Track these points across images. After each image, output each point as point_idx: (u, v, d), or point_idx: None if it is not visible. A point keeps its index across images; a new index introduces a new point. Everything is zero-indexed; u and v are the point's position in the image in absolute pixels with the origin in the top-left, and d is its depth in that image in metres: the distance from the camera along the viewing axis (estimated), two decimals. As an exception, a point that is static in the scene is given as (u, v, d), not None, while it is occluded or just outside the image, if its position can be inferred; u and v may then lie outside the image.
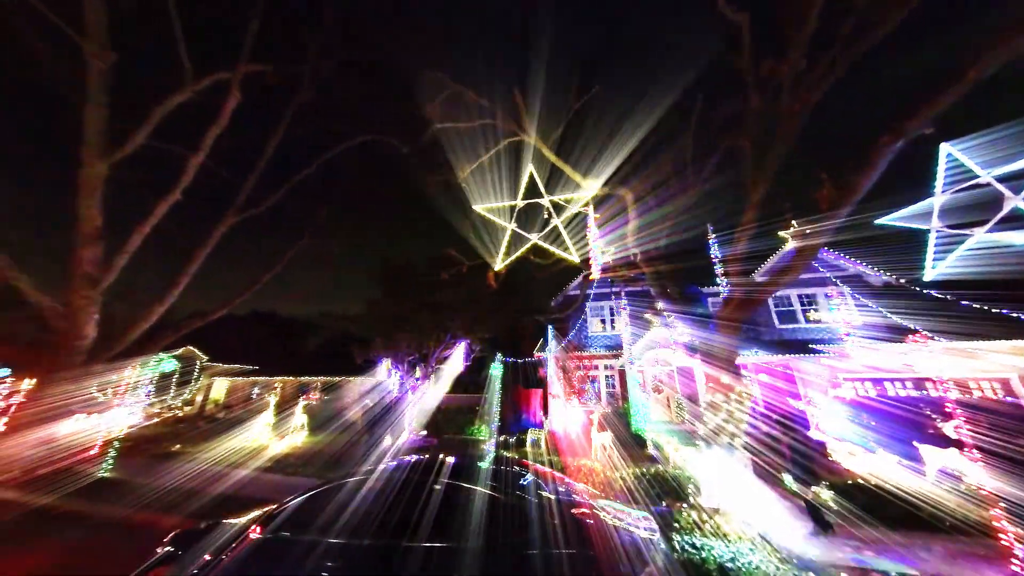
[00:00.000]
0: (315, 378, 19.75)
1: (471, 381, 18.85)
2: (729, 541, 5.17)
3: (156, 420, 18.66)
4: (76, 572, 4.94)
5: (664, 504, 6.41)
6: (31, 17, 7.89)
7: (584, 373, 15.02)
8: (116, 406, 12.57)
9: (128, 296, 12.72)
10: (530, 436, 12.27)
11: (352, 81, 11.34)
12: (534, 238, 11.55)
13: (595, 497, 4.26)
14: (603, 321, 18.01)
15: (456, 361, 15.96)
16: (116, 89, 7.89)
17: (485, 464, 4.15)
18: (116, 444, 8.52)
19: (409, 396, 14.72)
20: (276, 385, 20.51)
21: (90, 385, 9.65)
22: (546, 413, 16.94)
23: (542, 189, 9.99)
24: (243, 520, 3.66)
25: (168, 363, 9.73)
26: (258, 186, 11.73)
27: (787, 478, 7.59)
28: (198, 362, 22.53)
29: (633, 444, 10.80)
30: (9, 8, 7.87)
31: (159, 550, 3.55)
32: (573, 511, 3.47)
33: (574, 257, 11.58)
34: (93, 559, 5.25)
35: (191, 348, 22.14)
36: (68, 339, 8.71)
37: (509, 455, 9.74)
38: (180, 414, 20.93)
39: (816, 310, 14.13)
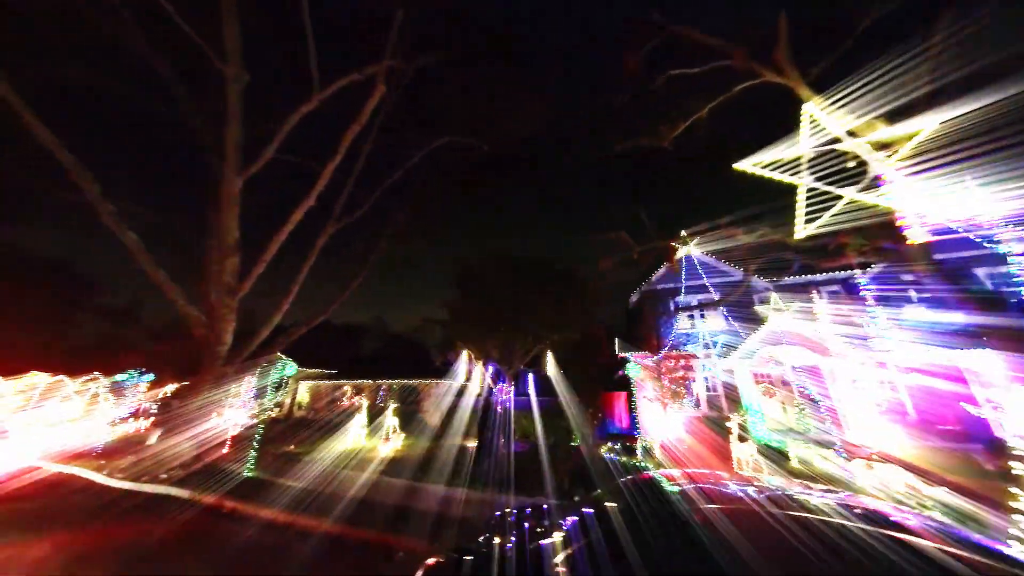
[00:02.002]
0: (408, 381, 20.09)
1: (545, 384, 18.20)
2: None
3: (255, 421, 20.29)
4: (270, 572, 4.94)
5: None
6: (174, 57, 8.67)
7: (683, 374, 13.74)
8: (233, 407, 13.65)
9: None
10: (640, 444, 11.30)
11: (458, 74, 11.11)
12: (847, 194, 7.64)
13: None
14: (692, 317, 16.53)
15: (538, 364, 15.41)
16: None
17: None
18: (255, 445, 8.94)
19: (498, 399, 14.39)
20: (362, 389, 21.38)
21: (227, 388, 10.39)
22: (633, 418, 15.83)
23: (840, 133, 7.00)
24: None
25: (290, 367, 10.10)
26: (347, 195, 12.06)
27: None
28: (277, 366, 24.33)
29: (765, 455, 9.46)
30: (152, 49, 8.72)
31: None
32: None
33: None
34: (280, 559, 5.28)
35: (279, 354, 23.97)
36: (210, 346, 9.37)
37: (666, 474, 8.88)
38: (274, 415, 22.61)
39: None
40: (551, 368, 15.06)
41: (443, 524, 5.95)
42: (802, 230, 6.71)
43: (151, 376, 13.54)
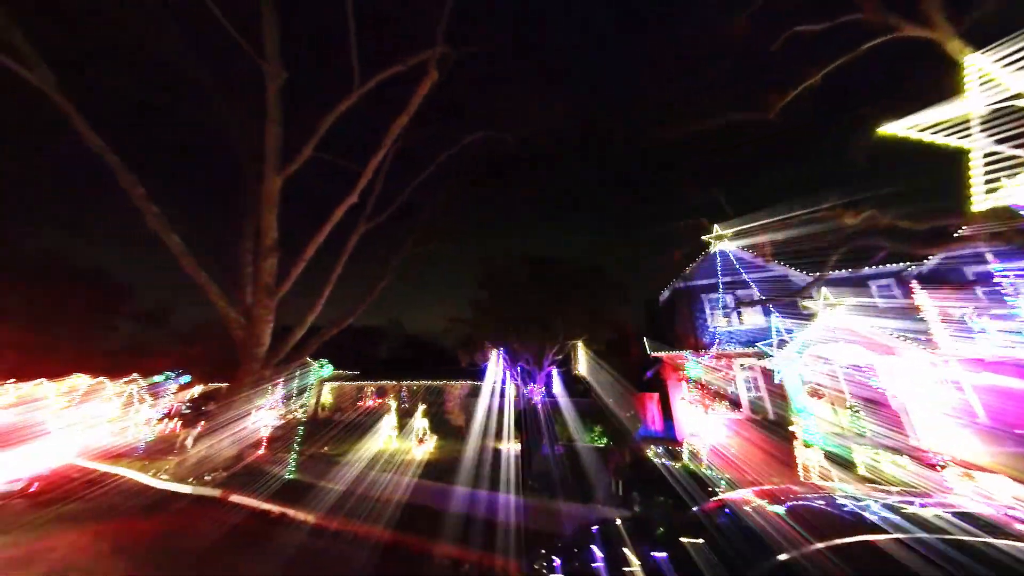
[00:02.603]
0: (434, 382, 19.91)
1: (576, 384, 17.74)
2: None
3: (282, 422, 20.51)
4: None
5: None
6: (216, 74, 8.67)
7: (724, 374, 13.11)
8: (263, 408, 13.74)
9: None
10: (686, 448, 10.76)
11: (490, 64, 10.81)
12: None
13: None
14: (728, 314, 15.84)
15: (568, 364, 15.00)
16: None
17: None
18: (296, 447, 8.85)
19: (530, 400, 14.04)
20: (387, 390, 21.36)
21: (265, 389, 10.38)
22: (668, 419, 15.24)
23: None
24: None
25: (326, 368, 9.99)
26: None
27: None
28: (311, 368, 24.60)
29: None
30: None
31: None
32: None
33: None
34: (339, 567, 5.07)
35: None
36: (249, 347, 9.34)
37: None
38: (300, 416, 22.84)
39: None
40: (582, 368, 14.64)
41: (503, 533, 5.64)
42: (983, 201, 5.59)
43: (187, 378, 13.73)
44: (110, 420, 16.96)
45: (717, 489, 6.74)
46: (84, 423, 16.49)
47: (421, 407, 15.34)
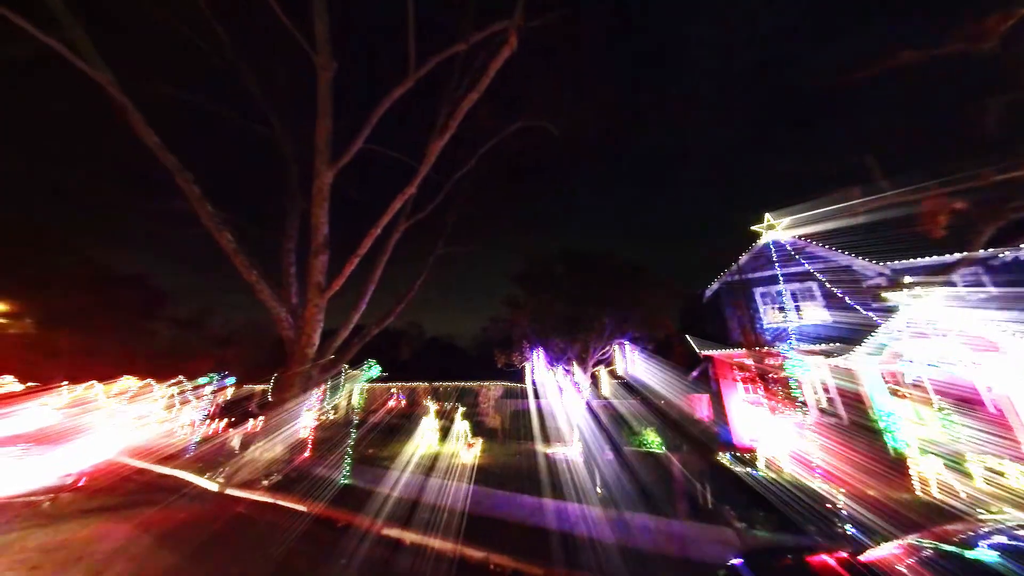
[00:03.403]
0: (471, 384, 19.54)
1: (623, 385, 16.92)
2: None
3: (316, 423, 20.62)
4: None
5: None
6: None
7: (788, 374, 12.08)
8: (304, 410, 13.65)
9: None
10: (760, 454, 9.88)
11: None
12: None
13: None
14: (783, 308, 14.72)
15: (618, 362, 14.27)
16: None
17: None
18: (349, 451, 8.53)
19: (577, 400, 13.40)
20: (417, 392, 21.15)
21: (314, 390, 10.18)
22: (722, 422, 14.25)
23: None
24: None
25: (374, 369, 9.69)
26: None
27: None
28: (343, 370, 24.75)
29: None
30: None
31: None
32: None
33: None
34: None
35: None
36: (300, 347, 9.12)
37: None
38: (332, 418, 22.94)
39: None
40: (628, 368, 13.89)
41: (590, 550, 5.05)
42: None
43: (232, 379, 13.79)
44: (159, 420, 17.40)
45: (834, 508, 5.88)
46: (132, 423, 16.96)
47: (460, 409, 14.94)
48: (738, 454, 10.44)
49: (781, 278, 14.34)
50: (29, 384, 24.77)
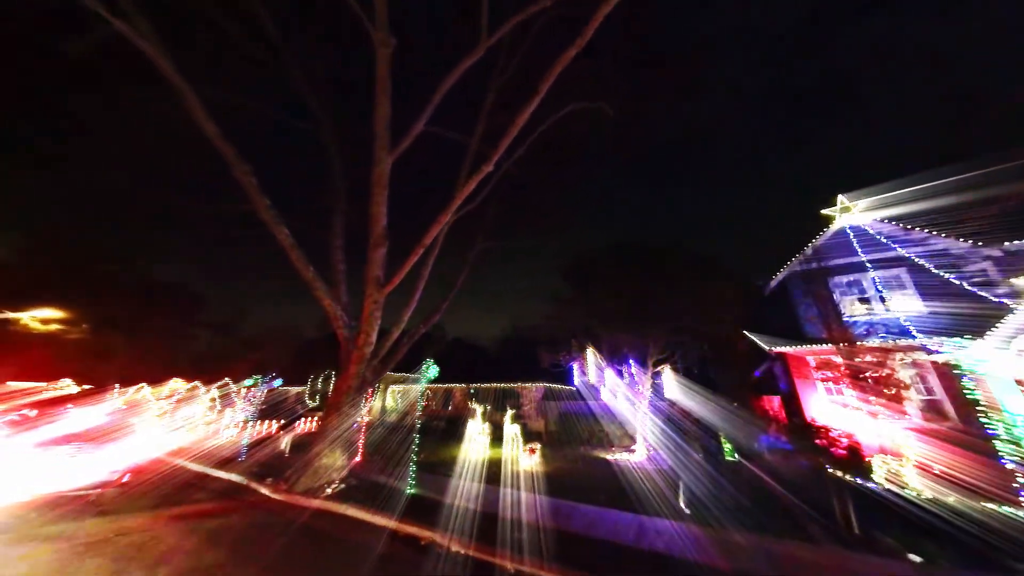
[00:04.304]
0: (511, 384, 18.78)
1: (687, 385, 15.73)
2: None
3: (364, 426, 20.45)
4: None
5: None
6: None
7: (889, 373, 10.65)
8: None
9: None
10: (878, 464, 8.62)
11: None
12: None
13: None
14: (867, 299, 13.19)
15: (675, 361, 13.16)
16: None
17: None
18: (414, 458, 7.94)
19: (632, 402, 12.41)
20: (459, 393, 20.63)
21: (366, 392, 9.70)
22: (793, 430, 12.85)
23: None
24: None
25: (433, 369, 9.08)
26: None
27: None
28: (429, 369, 24.61)
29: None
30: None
31: None
32: None
33: None
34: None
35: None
36: (356, 346, 8.62)
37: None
38: (367, 419, 22.77)
39: None
40: (697, 365, 12.78)
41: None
42: None
43: (279, 381, 13.61)
44: (206, 422, 17.60)
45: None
46: (179, 424, 17.22)
47: (509, 411, 14.22)
48: (842, 460, 9.16)
49: (867, 265, 12.86)
50: (85, 387, 25.90)
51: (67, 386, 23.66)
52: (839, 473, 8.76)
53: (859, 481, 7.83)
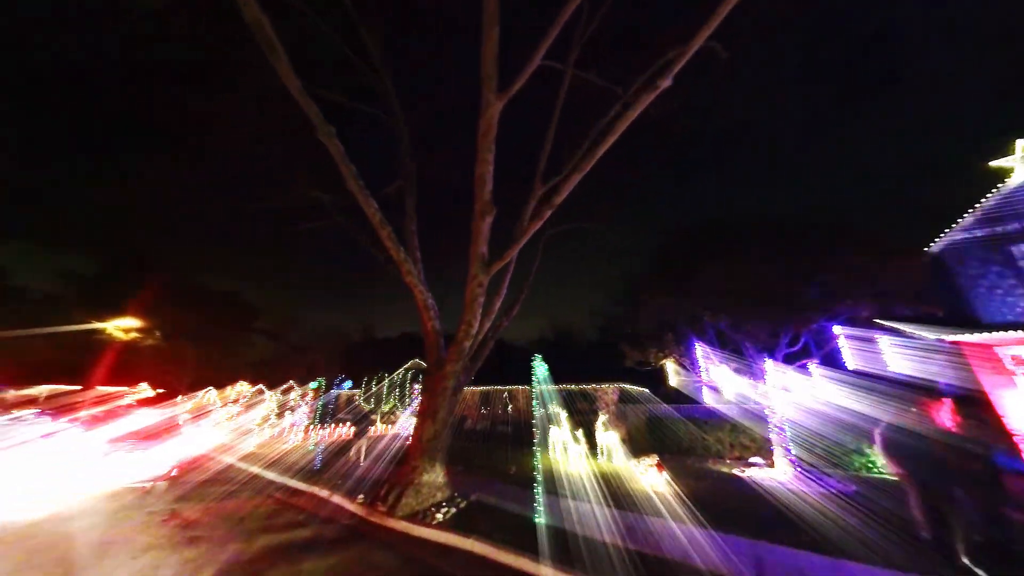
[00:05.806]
0: (584, 386, 16.98)
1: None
2: None
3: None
4: None
5: None
6: None
7: None
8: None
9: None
10: None
11: None
12: None
13: None
14: (1075, 274, 10.09)
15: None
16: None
17: None
18: (538, 479, 6.38)
19: (759, 405, 10.18)
20: (519, 395, 19.09)
21: (462, 394, 8.34)
22: (996, 439, 9.98)
23: None
24: None
25: (542, 367, 7.49)
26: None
27: None
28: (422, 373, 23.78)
29: None
30: None
31: None
32: None
33: None
34: None
35: (418, 361, 23.64)
36: (457, 339, 7.23)
37: None
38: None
39: None
40: (849, 358, 10.32)
41: None
42: None
43: (349, 383, 12.71)
44: (270, 425, 17.31)
45: None
46: (241, 424, 17.04)
47: (601, 418, 12.41)
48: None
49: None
50: (159, 391, 26.97)
51: (143, 390, 24.63)
52: None
53: None
